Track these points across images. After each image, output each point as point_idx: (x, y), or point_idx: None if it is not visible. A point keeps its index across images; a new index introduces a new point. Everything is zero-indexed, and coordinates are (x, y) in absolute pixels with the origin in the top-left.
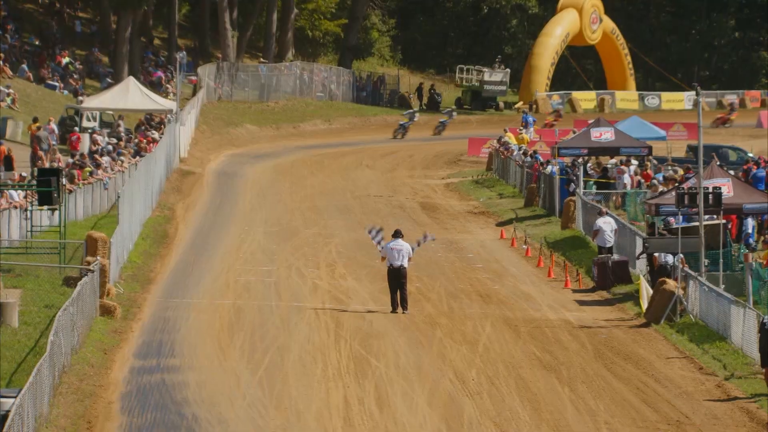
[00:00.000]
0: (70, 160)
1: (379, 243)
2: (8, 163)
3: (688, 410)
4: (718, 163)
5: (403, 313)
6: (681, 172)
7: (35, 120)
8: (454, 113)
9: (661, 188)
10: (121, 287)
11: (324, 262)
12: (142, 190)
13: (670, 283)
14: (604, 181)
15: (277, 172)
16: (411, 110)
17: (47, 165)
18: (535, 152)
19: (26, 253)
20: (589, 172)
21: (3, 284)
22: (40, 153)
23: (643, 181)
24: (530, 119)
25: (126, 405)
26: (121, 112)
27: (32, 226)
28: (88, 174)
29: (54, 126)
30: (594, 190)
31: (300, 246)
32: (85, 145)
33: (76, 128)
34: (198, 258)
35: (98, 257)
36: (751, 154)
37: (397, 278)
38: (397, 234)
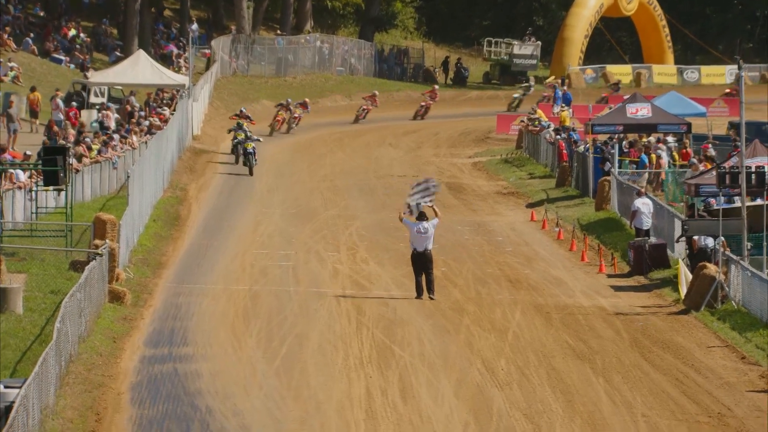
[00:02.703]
0: (87, 139)
1: (411, 210)
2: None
3: (730, 402)
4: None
5: (430, 299)
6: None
7: (33, 89)
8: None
9: (701, 167)
10: (131, 272)
11: (345, 245)
12: (152, 170)
13: (711, 268)
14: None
15: (295, 150)
16: (239, 125)
17: (60, 141)
18: (574, 129)
19: (31, 235)
20: (624, 151)
21: (6, 268)
22: (56, 129)
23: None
24: (560, 93)
25: (136, 396)
26: (130, 87)
27: (37, 207)
28: (95, 153)
29: (60, 101)
30: (629, 169)
31: (319, 228)
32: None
33: (74, 103)
34: (212, 241)
35: (107, 240)
36: None
37: (422, 263)
38: (421, 217)
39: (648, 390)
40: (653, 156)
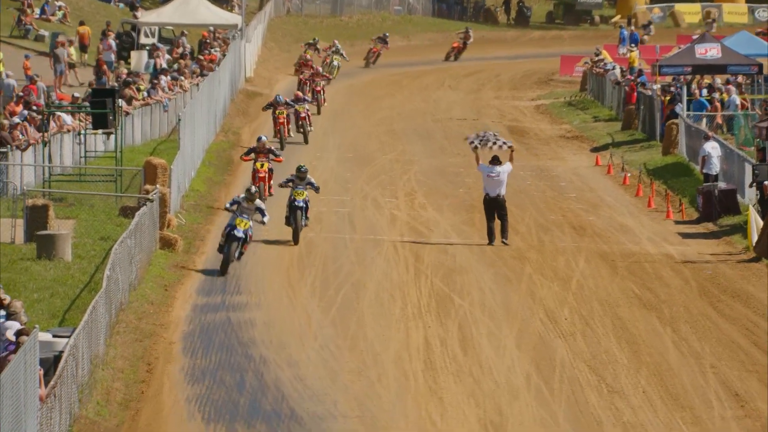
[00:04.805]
0: (129, 79)
1: (479, 146)
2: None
3: None
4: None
5: (503, 243)
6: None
7: (81, 23)
8: None
9: None
10: (183, 218)
11: (402, 191)
12: (204, 113)
13: None
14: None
15: (352, 93)
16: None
17: (110, 83)
18: (641, 71)
19: (80, 180)
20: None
21: (55, 214)
22: (105, 68)
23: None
24: (626, 34)
25: (188, 345)
26: (182, 27)
27: (86, 151)
28: (144, 94)
29: (111, 42)
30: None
31: (376, 174)
32: (141, 63)
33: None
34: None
35: (158, 185)
36: None
37: (494, 208)
38: (494, 161)
39: (717, 340)
40: (716, 102)
